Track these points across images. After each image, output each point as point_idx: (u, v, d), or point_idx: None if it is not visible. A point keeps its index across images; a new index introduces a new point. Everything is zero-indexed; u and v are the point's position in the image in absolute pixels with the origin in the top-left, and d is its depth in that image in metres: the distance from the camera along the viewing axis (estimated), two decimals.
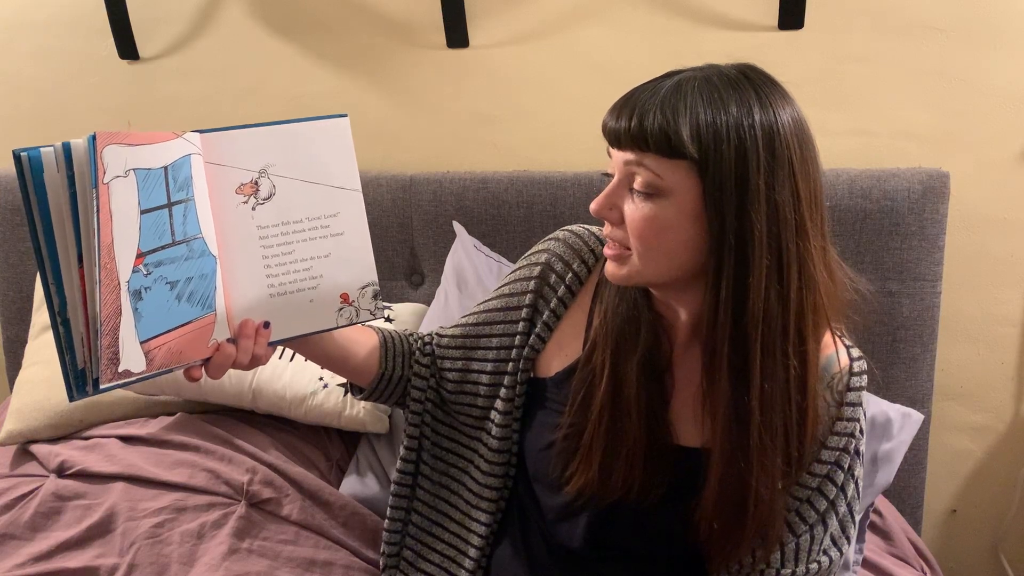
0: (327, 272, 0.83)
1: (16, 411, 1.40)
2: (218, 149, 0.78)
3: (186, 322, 0.74)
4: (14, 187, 1.69)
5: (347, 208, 0.84)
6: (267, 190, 0.80)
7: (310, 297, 0.83)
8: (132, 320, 0.69)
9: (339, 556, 1.18)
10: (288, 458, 1.32)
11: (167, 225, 0.72)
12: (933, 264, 1.39)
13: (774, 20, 1.46)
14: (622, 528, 0.89)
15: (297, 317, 0.83)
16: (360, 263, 0.85)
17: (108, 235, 0.66)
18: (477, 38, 1.58)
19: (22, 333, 1.67)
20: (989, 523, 1.64)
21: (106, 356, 0.67)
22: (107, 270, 0.66)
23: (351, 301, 0.85)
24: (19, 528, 1.21)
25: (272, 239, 0.81)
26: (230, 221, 0.79)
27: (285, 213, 0.81)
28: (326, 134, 0.82)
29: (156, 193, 0.71)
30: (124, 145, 0.68)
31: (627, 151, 0.76)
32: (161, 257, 0.71)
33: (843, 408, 0.83)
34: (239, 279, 0.79)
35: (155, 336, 0.71)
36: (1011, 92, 1.42)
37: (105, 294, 0.66)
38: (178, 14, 1.68)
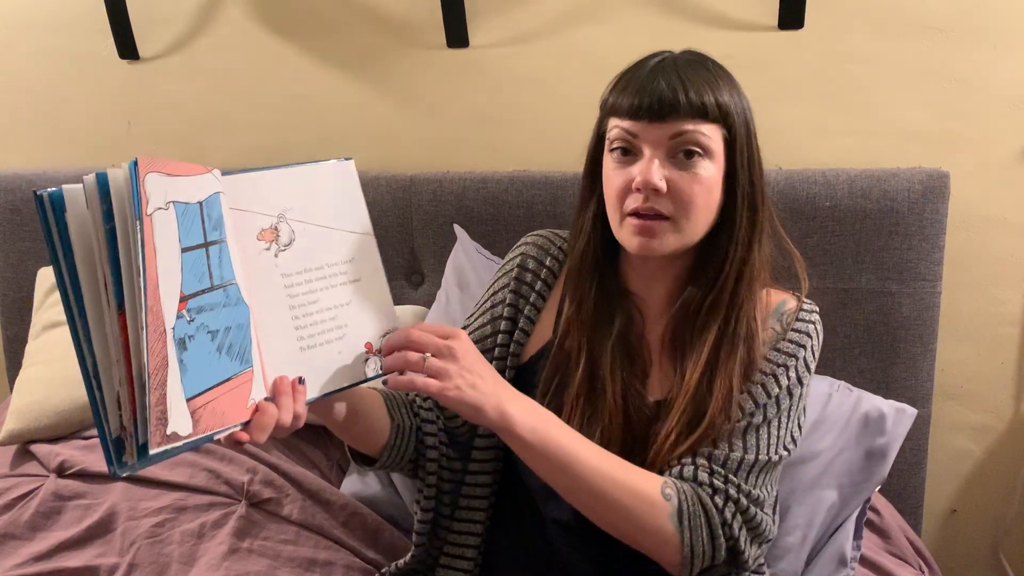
0: (351, 321, 0.78)
1: (16, 411, 1.40)
2: (238, 192, 0.73)
3: (227, 378, 0.67)
4: (14, 187, 1.69)
5: (361, 253, 0.80)
6: (287, 235, 0.76)
7: (338, 348, 0.78)
8: (179, 374, 0.61)
9: (340, 556, 1.18)
10: (288, 458, 1.32)
11: (205, 266, 0.66)
12: (933, 264, 1.39)
13: (774, 20, 1.46)
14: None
15: (329, 371, 0.77)
16: (380, 309, 0.80)
17: (154, 273, 0.60)
18: (477, 38, 1.58)
19: (22, 333, 1.67)
20: (989, 523, 1.64)
21: (155, 415, 0.59)
22: (153, 313, 0.59)
23: (375, 351, 0.80)
24: (19, 528, 1.21)
25: (297, 287, 0.76)
26: (255, 269, 0.73)
27: (307, 259, 0.76)
28: (333, 177, 0.79)
29: (194, 230, 0.65)
30: (163, 174, 0.62)
31: (679, 121, 0.85)
32: (202, 302, 0.65)
33: (789, 333, 0.93)
34: (270, 331, 0.73)
35: (200, 393, 0.63)
36: (1011, 92, 1.42)
37: (152, 342, 0.59)
38: (178, 14, 1.68)
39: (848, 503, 1.20)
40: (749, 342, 0.90)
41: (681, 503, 0.84)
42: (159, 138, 1.75)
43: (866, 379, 1.42)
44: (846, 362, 1.43)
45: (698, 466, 0.88)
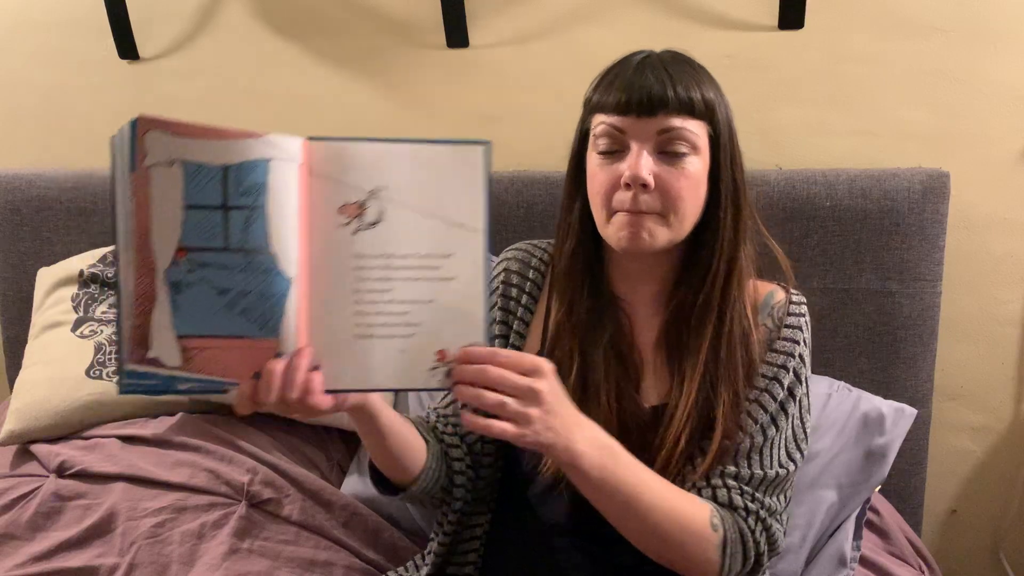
0: (427, 321, 0.71)
1: (16, 411, 1.40)
2: (328, 160, 0.70)
3: (237, 335, 0.68)
4: (14, 187, 1.69)
5: (464, 250, 0.72)
6: (374, 215, 0.71)
7: (402, 347, 0.71)
8: (168, 309, 0.66)
9: (340, 556, 1.18)
10: (289, 458, 1.32)
11: (219, 228, 0.66)
12: (933, 264, 1.39)
13: (774, 20, 1.46)
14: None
15: (382, 367, 0.71)
16: (468, 317, 0.72)
17: (144, 220, 0.65)
18: (477, 38, 1.58)
19: (22, 333, 1.67)
20: (989, 523, 1.64)
21: (135, 336, 0.65)
22: (141, 253, 0.65)
23: (447, 361, 0.72)
24: (19, 528, 1.21)
25: (369, 271, 0.71)
26: (326, 243, 0.70)
27: (390, 244, 0.71)
28: (456, 160, 0.72)
29: (208, 191, 0.66)
30: (169, 134, 0.65)
31: (667, 116, 0.84)
32: (207, 259, 0.66)
33: (783, 330, 0.92)
34: (323, 310, 0.70)
35: (196, 335, 0.67)
36: (1011, 92, 1.42)
37: (139, 276, 0.65)
38: (178, 14, 1.68)
39: (848, 503, 1.20)
40: (746, 342, 0.90)
41: (726, 533, 0.84)
42: None
43: (866, 379, 1.42)
44: (846, 362, 1.43)
45: (730, 488, 0.87)
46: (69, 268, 1.58)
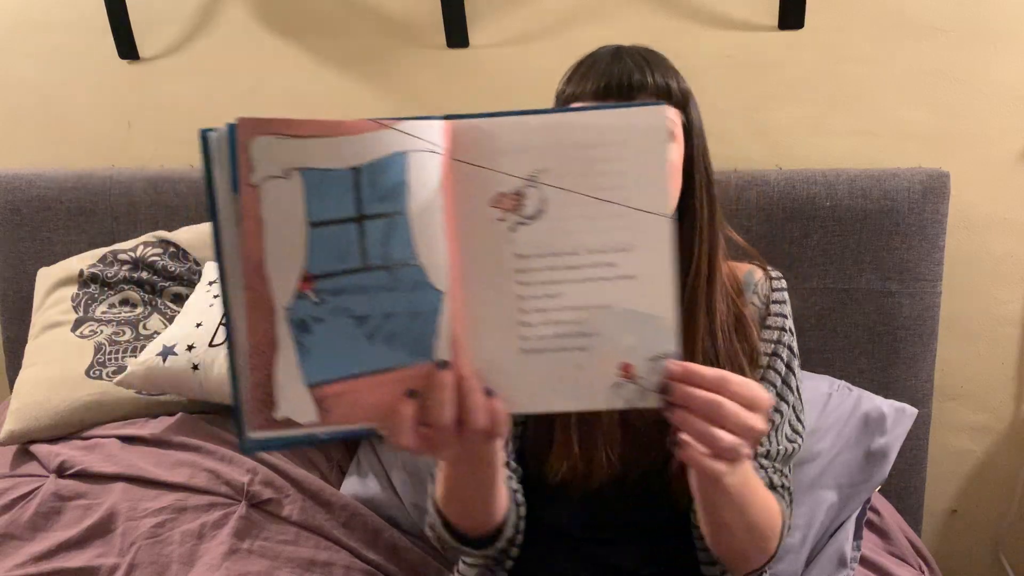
0: (606, 329, 0.60)
1: (16, 411, 1.40)
2: (474, 143, 0.59)
3: (383, 368, 0.57)
4: (14, 187, 1.69)
5: (647, 241, 0.59)
6: (534, 205, 0.59)
7: (577, 362, 0.60)
8: (294, 357, 0.55)
9: (340, 557, 1.18)
10: (289, 458, 1.32)
11: (354, 244, 0.56)
12: (933, 264, 1.39)
13: (774, 20, 1.46)
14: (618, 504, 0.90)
15: (555, 386, 0.61)
16: (655, 322, 0.60)
17: (257, 250, 0.54)
18: (477, 38, 1.58)
19: (22, 333, 1.67)
20: (990, 524, 1.64)
21: (255, 397, 0.55)
22: (255, 292, 0.54)
23: (634, 376, 0.60)
24: (19, 528, 1.21)
25: (533, 274, 0.59)
26: (478, 243, 0.59)
27: (556, 240, 0.59)
28: (632, 128, 0.58)
29: (337, 201, 0.55)
30: (283, 136, 0.54)
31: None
32: (343, 284, 0.56)
33: (771, 306, 0.93)
34: (481, 323, 0.60)
35: (331, 381, 0.56)
36: (1011, 92, 1.42)
37: (254, 321, 0.54)
38: (178, 14, 1.68)
39: (848, 503, 1.20)
40: (742, 324, 0.90)
41: (784, 518, 0.84)
42: (159, 138, 1.75)
43: (866, 379, 1.42)
44: (846, 362, 1.43)
45: (766, 468, 0.87)
46: (69, 268, 1.58)
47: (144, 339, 1.47)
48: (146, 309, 1.54)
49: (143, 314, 1.53)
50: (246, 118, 0.53)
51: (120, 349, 1.46)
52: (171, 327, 1.42)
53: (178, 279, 1.55)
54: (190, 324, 1.39)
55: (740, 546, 0.81)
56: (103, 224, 1.67)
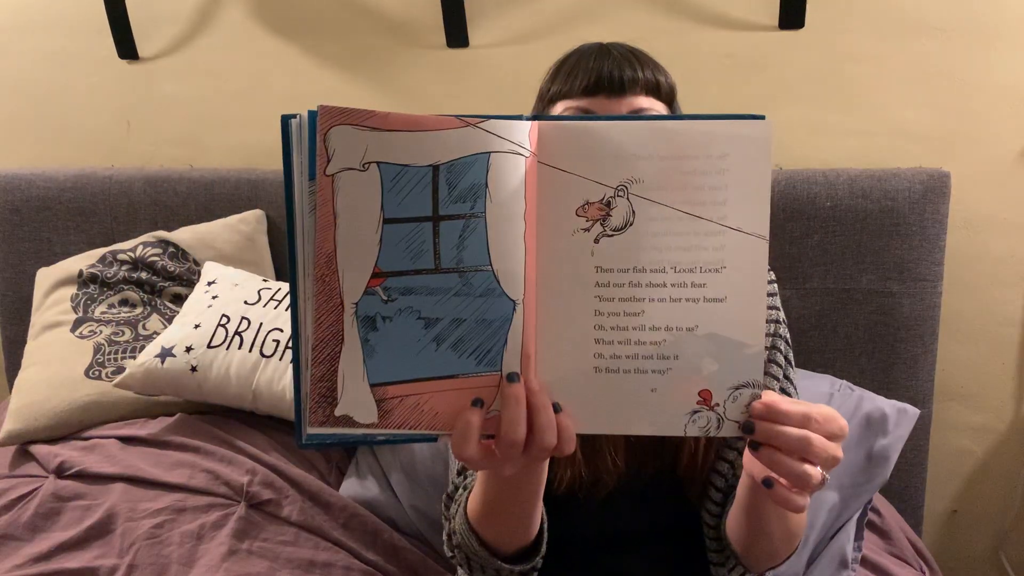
0: (687, 353, 0.57)
1: (15, 411, 1.39)
2: (564, 147, 0.56)
3: (448, 375, 0.56)
4: (13, 187, 1.69)
5: (741, 263, 0.56)
6: (622, 217, 0.57)
7: (653, 384, 0.58)
8: (359, 353, 0.54)
9: (339, 557, 1.18)
10: (288, 459, 1.32)
11: (428, 244, 0.55)
12: (934, 264, 1.39)
13: (775, 20, 1.46)
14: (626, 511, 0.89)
15: (628, 408, 0.58)
16: (741, 350, 0.57)
17: (329, 241, 0.53)
18: (477, 38, 1.57)
19: (22, 333, 1.67)
20: (990, 524, 1.64)
21: (317, 392, 0.53)
22: (324, 283, 0.53)
23: (713, 404, 0.58)
24: (18, 529, 1.21)
25: (614, 289, 0.57)
26: (559, 252, 0.57)
27: (641, 255, 0.57)
28: (733, 145, 0.56)
29: (414, 200, 0.54)
30: (365, 128, 0.52)
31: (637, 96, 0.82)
32: (412, 283, 0.55)
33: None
34: (555, 337, 0.58)
35: (394, 382, 0.55)
36: (1012, 92, 1.42)
37: (321, 313, 0.53)
38: (178, 14, 1.68)
39: (849, 504, 1.20)
40: None
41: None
42: (159, 138, 1.75)
43: (866, 379, 1.42)
44: (846, 362, 1.43)
45: None
46: (68, 268, 1.57)
47: (143, 339, 1.47)
48: (145, 309, 1.53)
49: (142, 314, 1.53)
50: (328, 106, 0.51)
51: (119, 349, 1.46)
52: (169, 328, 1.42)
53: (177, 279, 1.55)
54: (188, 325, 1.39)
55: (775, 549, 0.80)
56: (102, 224, 1.67)
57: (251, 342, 1.35)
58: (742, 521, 0.78)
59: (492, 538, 0.78)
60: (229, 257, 1.56)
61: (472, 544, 0.78)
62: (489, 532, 0.77)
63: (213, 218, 1.61)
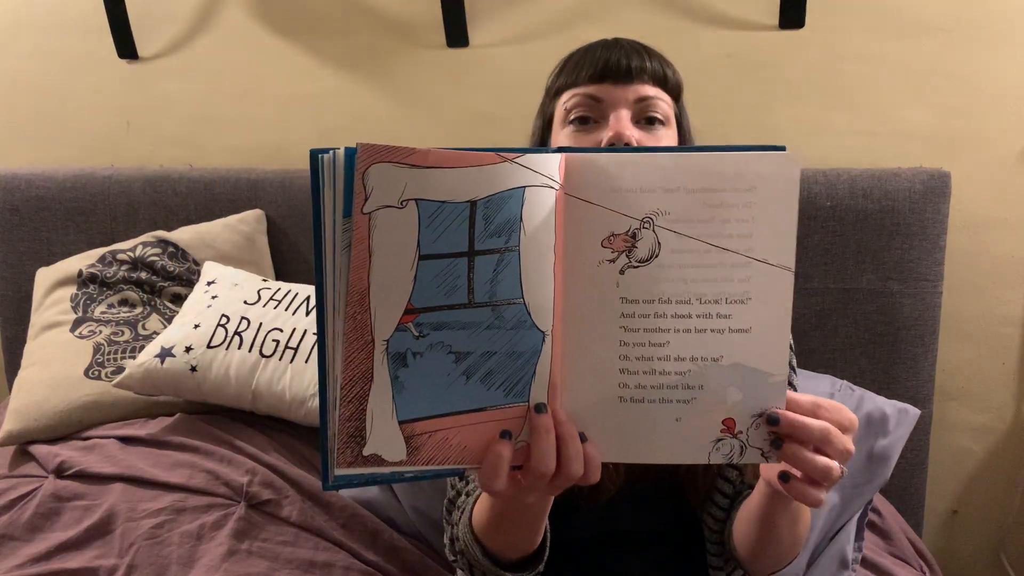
0: (711, 383, 0.58)
1: (15, 411, 1.39)
2: (591, 179, 0.56)
3: (475, 408, 0.56)
4: (12, 187, 1.69)
5: (766, 294, 0.57)
6: (647, 249, 0.57)
7: (677, 414, 0.58)
8: (389, 391, 0.53)
9: (339, 557, 1.18)
10: (288, 459, 1.32)
11: (463, 279, 0.54)
12: (934, 264, 1.39)
13: (775, 19, 1.46)
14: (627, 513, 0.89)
15: (652, 438, 0.59)
16: (764, 378, 0.58)
17: (362, 280, 0.52)
18: (477, 38, 1.57)
19: (21, 333, 1.67)
20: (990, 524, 1.64)
21: (345, 431, 0.52)
22: (355, 321, 0.52)
23: (736, 432, 0.58)
24: (18, 529, 1.20)
25: (639, 320, 0.57)
26: (584, 283, 0.57)
27: (667, 286, 0.57)
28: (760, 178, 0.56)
29: (450, 235, 0.53)
30: (404, 166, 0.51)
31: (644, 84, 0.83)
32: (445, 318, 0.54)
33: None
34: (581, 367, 0.58)
35: (423, 418, 0.55)
36: (1012, 92, 1.42)
37: (351, 352, 0.52)
38: (178, 14, 1.68)
39: (849, 505, 1.20)
40: None
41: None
42: (158, 138, 1.75)
43: (867, 379, 1.42)
44: (847, 362, 1.43)
45: None
46: (68, 268, 1.57)
47: (143, 339, 1.47)
48: (145, 309, 1.53)
49: (142, 314, 1.52)
50: (368, 144, 0.50)
51: (119, 349, 1.46)
52: (169, 329, 1.41)
53: (177, 279, 1.55)
54: (188, 325, 1.39)
55: (781, 555, 0.80)
56: (102, 224, 1.67)
57: (251, 342, 1.35)
58: (753, 529, 0.78)
59: (496, 548, 0.78)
60: (229, 257, 1.56)
61: (476, 554, 0.79)
62: (494, 543, 0.78)
63: (213, 218, 1.61)
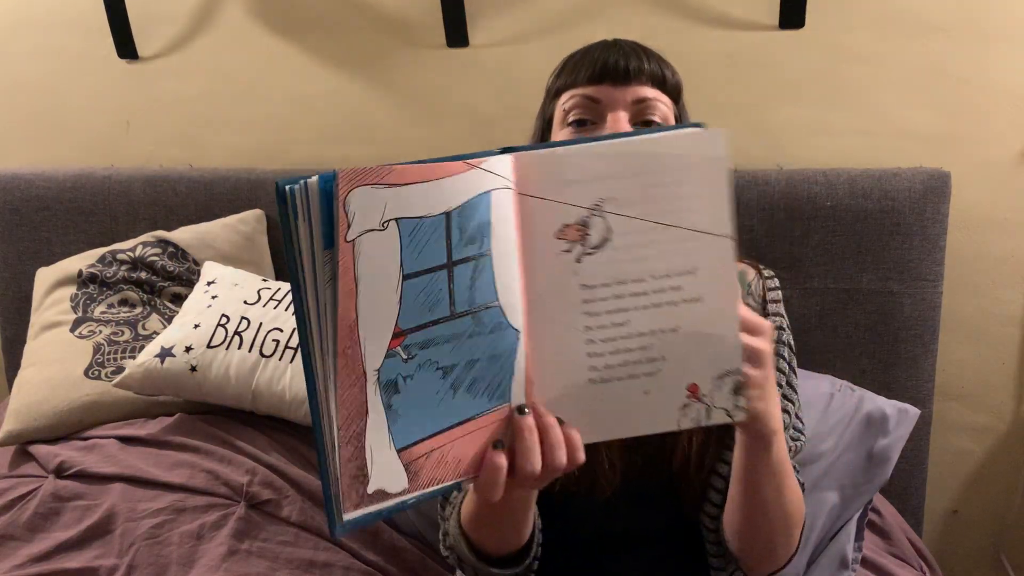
0: (672, 353, 0.60)
1: (15, 411, 1.39)
2: (540, 174, 0.58)
3: (464, 419, 0.56)
4: (12, 187, 1.69)
5: (710, 262, 0.59)
6: (599, 235, 0.59)
7: (645, 387, 0.60)
8: (384, 422, 0.52)
9: (339, 557, 1.18)
10: (287, 459, 1.32)
11: (444, 293, 0.54)
12: (934, 264, 1.39)
13: (775, 19, 1.46)
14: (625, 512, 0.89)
15: (624, 414, 0.61)
16: (720, 342, 0.60)
17: (350, 312, 0.50)
18: (477, 37, 1.57)
19: (21, 333, 1.67)
20: (990, 524, 1.64)
21: (348, 473, 0.50)
22: (346, 357, 0.50)
23: (701, 395, 0.61)
24: (18, 529, 1.21)
25: (600, 304, 0.59)
26: (545, 277, 0.59)
27: (621, 268, 0.59)
28: (693, 151, 0.58)
29: (429, 251, 0.53)
30: (383, 186, 0.50)
31: (642, 86, 0.83)
32: (431, 335, 0.54)
33: (768, 305, 0.90)
34: (550, 357, 0.59)
35: (419, 441, 0.54)
36: (1012, 91, 1.42)
37: (344, 389, 0.50)
38: (178, 14, 1.68)
39: (850, 505, 1.20)
40: None
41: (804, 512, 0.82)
42: (158, 138, 1.75)
43: (867, 379, 1.42)
44: (847, 362, 1.43)
45: None
46: (68, 268, 1.57)
47: (143, 339, 1.47)
48: (145, 309, 1.53)
49: (142, 314, 1.52)
50: (346, 171, 0.49)
51: (119, 349, 1.46)
52: (169, 329, 1.41)
53: (177, 279, 1.55)
54: (188, 325, 1.39)
55: (771, 533, 0.80)
56: (102, 224, 1.67)
57: (251, 342, 1.35)
58: (738, 498, 0.78)
59: (483, 543, 0.78)
60: (229, 257, 1.56)
61: (463, 548, 0.79)
62: (481, 537, 0.78)
63: (213, 218, 1.61)
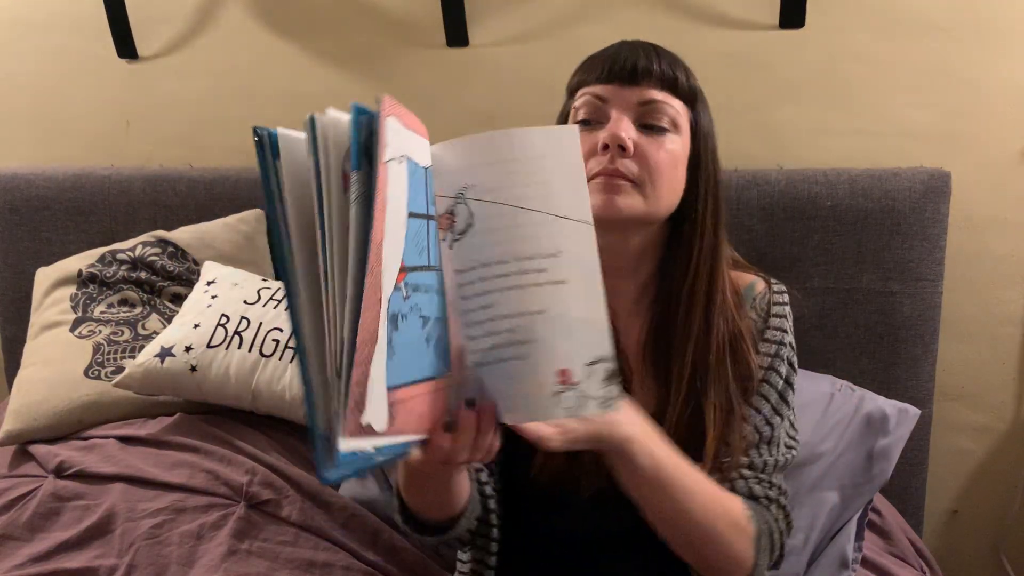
0: (540, 336, 0.59)
1: (15, 411, 1.39)
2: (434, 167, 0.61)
3: (430, 376, 0.56)
4: (12, 187, 1.68)
5: (573, 247, 0.60)
6: (464, 220, 0.60)
7: (517, 370, 0.59)
8: (384, 355, 0.50)
9: (339, 557, 1.18)
10: (287, 459, 1.32)
11: (425, 242, 0.56)
12: (934, 264, 1.39)
13: (775, 19, 1.46)
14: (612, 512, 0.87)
15: (506, 399, 0.60)
16: (587, 327, 0.59)
17: (380, 231, 0.50)
18: (477, 37, 1.57)
19: (21, 333, 1.67)
20: (990, 524, 1.64)
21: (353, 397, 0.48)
22: (374, 276, 0.49)
23: (573, 382, 0.59)
24: (18, 529, 1.20)
25: (469, 287, 0.60)
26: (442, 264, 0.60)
27: (484, 251, 0.59)
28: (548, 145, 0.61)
29: (421, 197, 0.56)
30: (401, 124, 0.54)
31: (650, 88, 0.83)
32: (418, 280, 0.54)
33: (770, 319, 0.91)
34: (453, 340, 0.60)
35: (401, 386, 0.53)
36: (1012, 91, 1.42)
37: (367, 310, 0.49)
38: (177, 14, 1.68)
39: (850, 505, 1.20)
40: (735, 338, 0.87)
41: (758, 526, 0.82)
42: (158, 137, 1.75)
43: (867, 379, 1.42)
44: (847, 362, 1.43)
45: (746, 478, 0.86)
46: (68, 268, 1.57)
47: (143, 339, 1.47)
48: (145, 309, 1.53)
49: (142, 314, 1.52)
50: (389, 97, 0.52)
51: (119, 349, 1.46)
52: (169, 328, 1.41)
53: (177, 279, 1.55)
54: (188, 325, 1.38)
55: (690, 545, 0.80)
56: (102, 224, 1.67)
57: (251, 342, 1.35)
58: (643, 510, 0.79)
59: (414, 505, 0.81)
60: (228, 257, 1.56)
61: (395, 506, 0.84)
62: (411, 499, 0.81)
63: (212, 218, 1.61)
